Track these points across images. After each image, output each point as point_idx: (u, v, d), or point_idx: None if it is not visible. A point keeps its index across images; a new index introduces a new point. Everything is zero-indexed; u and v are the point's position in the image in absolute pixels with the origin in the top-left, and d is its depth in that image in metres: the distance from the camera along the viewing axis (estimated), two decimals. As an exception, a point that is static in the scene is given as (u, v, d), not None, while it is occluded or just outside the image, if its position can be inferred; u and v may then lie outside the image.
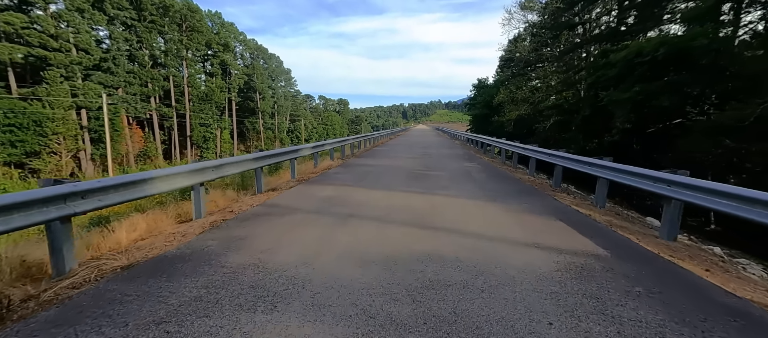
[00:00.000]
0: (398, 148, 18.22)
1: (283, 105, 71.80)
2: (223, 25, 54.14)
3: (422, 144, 22.19)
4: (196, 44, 47.50)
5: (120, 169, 37.18)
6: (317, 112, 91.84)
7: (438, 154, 15.26)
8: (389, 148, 18.33)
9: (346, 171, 9.31)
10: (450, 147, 19.84)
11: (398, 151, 16.70)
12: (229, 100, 56.24)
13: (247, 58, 62.79)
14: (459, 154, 15.26)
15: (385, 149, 17.76)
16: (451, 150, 17.58)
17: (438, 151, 16.47)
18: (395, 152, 15.95)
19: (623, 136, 15.05)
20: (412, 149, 17.48)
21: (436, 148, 18.47)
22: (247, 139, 62.84)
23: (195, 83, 47.94)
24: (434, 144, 22.38)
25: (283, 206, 5.48)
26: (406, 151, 16.31)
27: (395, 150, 17.20)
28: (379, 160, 12.54)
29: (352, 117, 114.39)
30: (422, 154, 15.05)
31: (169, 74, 44.38)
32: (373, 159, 12.82)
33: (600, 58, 19.12)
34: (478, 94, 56.41)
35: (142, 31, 40.26)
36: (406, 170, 9.46)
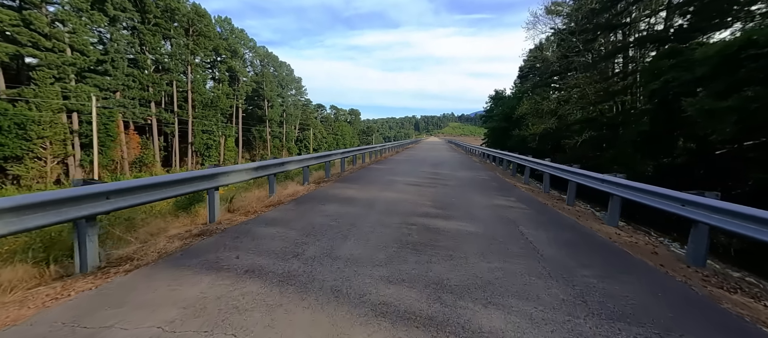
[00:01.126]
0: (402, 166, 14.36)
1: (292, 114, 69.35)
2: (232, 31, 52.26)
3: (433, 160, 18.28)
4: (203, 49, 45.45)
5: (112, 177, 34.64)
6: (328, 122, 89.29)
7: (454, 177, 11.20)
8: (391, 165, 14.51)
9: (297, 215, 5.38)
10: (469, 166, 15.84)
11: (401, 170, 12.80)
12: (235, 107, 53.95)
13: (257, 66, 60.79)
14: (483, 179, 11.19)
15: (385, 167, 13.90)
16: (472, 171, 13.48)
17: (453, 173, 12.43)
18: (396, 172, 12.04)
19: (690, 156, 11.34)
20: (418, 168, 13.55)
21: (451, 167, 14.51)
22: (253, 147, 60.29)
23: (200, 89, 45.70)
24: (447, 161, 18.43)
25: None
26: (410, 171, 12.38)
27: (397, 168, 13.31)
28: (366, 187, 8.65)
29: (364, 128, 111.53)
30: (432, 176, 11.04)
31: (173, 79, 42.23)
32: (359, 185, 8.94)
33: (666, 57, 14.79)
34: (495, 106, 52.26)
35: (146, 34, 38.29)
36: (402, 215, 5.48)
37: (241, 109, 55.49)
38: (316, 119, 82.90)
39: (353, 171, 12.34)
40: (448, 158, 20.58)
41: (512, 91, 52.71)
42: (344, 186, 8.23)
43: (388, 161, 17.06)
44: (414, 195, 7.27)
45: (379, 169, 13.24)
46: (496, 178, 11.54)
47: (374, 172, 11.87)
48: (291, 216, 5.26)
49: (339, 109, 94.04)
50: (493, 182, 10.47)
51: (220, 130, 49.55)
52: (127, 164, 36.71)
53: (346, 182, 9.18)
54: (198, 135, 45.34)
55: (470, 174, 12.27)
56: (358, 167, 14.10)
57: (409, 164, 15.23)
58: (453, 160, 19.63)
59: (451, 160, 19.53)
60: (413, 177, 10.39)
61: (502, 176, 12.43)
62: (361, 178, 10.20)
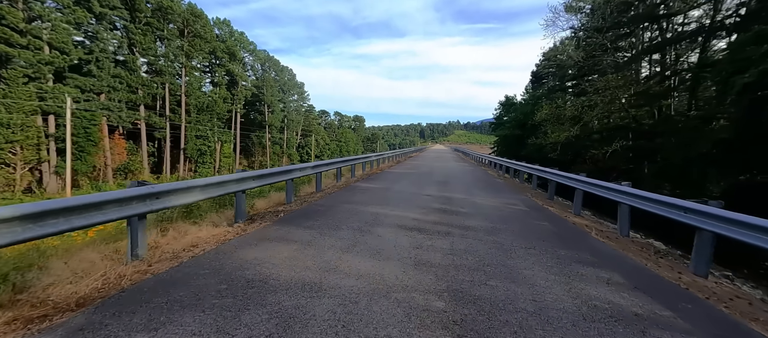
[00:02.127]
0: (400, 183, 10.66)
1: (294, 119, 66.36)
2: (231, 33, 49.64)
3: (440, 174, 14.58)
4: (199, 51, 42.72)
5: (93, 187, 31.61)
6: (332, 128, 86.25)
7: (474, 206, 7.30)
8: (386, 182, 10.85)
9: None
10: (487, 183, 12.05)
11: (396, 192, 9.05)
12: (234, 113, 51.06)
13: (258, 70, 58.08)
14: (519, 211, 7.24)
15: (377, 186, 10.23)
16: (495, 193, 9.56)
17: (471, 197, 8.46)
18: (389, 197, 8.26)
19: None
20: (422, 188, 9.81)
21: (465, 185, 10.76)
22: (252, 153, 57.23)
23: (194, 92, 42.87)
24: (458, 174, 14.71)
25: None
26: (409, 195, 8.62)
27: (392, 189, 9.58)
28: (322, 238, 4.83)
29: (368, 135, 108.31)
30: (441, 206, 7.14)
31: (165, 81, 39.44)
32: (316, 229, 5.04)
33: (753, 43, 11.00)
34: (505, 112, 48.40)
35: (136, 34, 35.62)
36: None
37: (240, 114, 52.58)
38: (320, 125, 79.91)
39: (331, 192, 8.70)
40: (458, 170, 16.82)
41: (523, 97, 48.86)
42: (282, 236, 4.53)
43: (384, 175, 13.39)
44: (407, 266, 3.51)
45: (368, 188, 9.55)
46: (535, 207, 7.73)
47: (358, 195, 8.21)
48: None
49: (343, 116, 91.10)
50: (536, 215, 6.67)
51: (216, 136, 46.56)
52: (110, 171, 33.71)
53: (298, 221, 5.49)
54: (191, 140, 42.33)
55: (495, 199, 8.44)
56: (342, 184, 10.47)
57: (409, 181, 11.53)
58: (464, 173, 15.86)
59: (462, 173, 15.76)
60: (413, 208, 6.64)
61: (537, 201, 8.62)
62: (331, 209, 6.53)
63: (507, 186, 11.42)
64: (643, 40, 22.48)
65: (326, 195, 8.07)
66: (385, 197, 7.98)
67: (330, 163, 10.24)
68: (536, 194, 9.90)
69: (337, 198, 7.56)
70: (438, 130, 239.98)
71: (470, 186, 10.41)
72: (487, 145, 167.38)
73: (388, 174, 13.53)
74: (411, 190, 8.98)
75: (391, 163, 20.16)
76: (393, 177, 12.29)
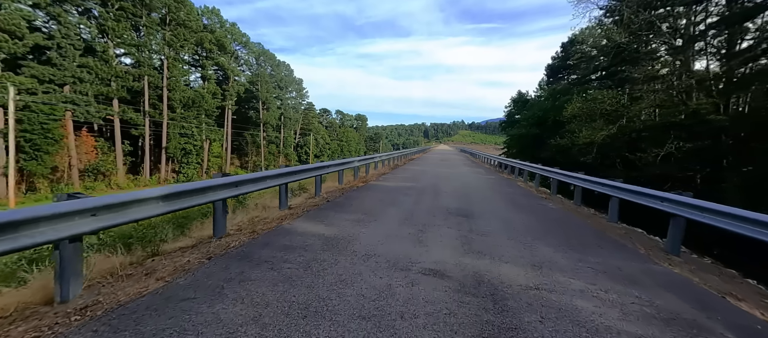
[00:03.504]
0: (382, 218, 5.81)
1: (291, 117, 61.76)
2: (222, 24, 45.11)
3: (452, 190, 9.63)
4: (182, 42, 38.26)
5: (54, 190, 27.27)
6: (333, 127, 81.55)
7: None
8: (359, 209, 5.99)
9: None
10: (534, 212, 7.10)
11: (366, 246, 4.25)
12: (225, 109, 46.59)
13: (253, 65, 53.56)
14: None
15: (330, 229, 5.39)
16: (604, 268, 4.76)
17: (551, 277, 3.76)
18: (345, 278, 3.47)
19: None
20: (421, 228, 4.96)
21: (502, 222, 5.71)
22: (246, 153, 52.75)
23: (178, 86, 38.45)
24: (477, 187, 9.77)
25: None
26: (393, 259, 3.82)
27: (363, 236, 4.79)
28: None
29: (371, 134, 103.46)
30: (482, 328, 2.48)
31: (144, 74, 35.03)
32: None
33: None
34: (517, 110, 43.13)
35: (107, 20, 31.24)
36: None
37: (232, 111, 48.11)
38: (321, 124, 75.26)
39: (301, 213, 3.84)
40: (475, 181, 11.82)
41: (537, 94, 43.51)
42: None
43: (363, 195, 8.49)
44: None
45: (330, 218, 4.68)
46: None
47: (293, 258, 3.37)
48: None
49: (345, 114, 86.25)
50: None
51: (204, 134, 42.13)
52: (76, 172, 29.37)
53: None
54: (174, 139, 37.92)
55: (617, 286, 3.55)
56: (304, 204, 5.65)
57: (401, 208, 6.60)
58: (486, 185, 10.87)
59: (483, 185, 10.78)
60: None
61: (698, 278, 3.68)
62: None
63: (574, 217, 6.46)
64: (694, 21, 17.26)
65: (253, 239, 3.23)
66: (362, 236, 3.13)
67: (278, 173, 5.53)
68: (651, 245, 4.93)
69: (254, 259, 2.71)
70: (442, 130, 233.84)
71: (520, 229, 5.44)
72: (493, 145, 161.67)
73: (372, 192, 8.62)
74: (396, 252, 4.02)
75: (385, 169, 15.26)
76: (375, 199, 7.40)
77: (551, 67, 41.61)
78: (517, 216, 6.02)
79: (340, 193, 8.33)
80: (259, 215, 5.62)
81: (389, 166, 16.74)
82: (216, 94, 44.05)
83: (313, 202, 7.01)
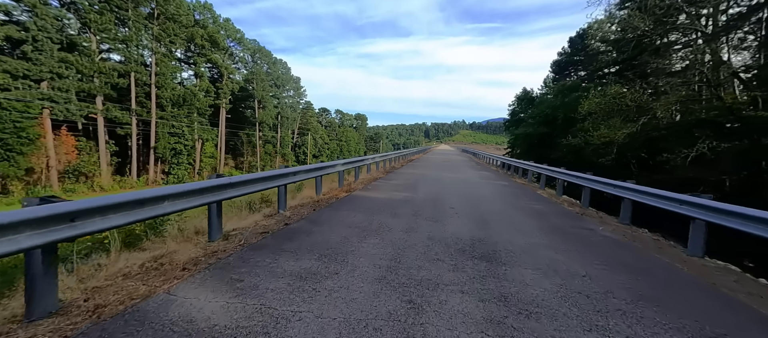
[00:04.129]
0: (357, 238, 3.76)
1: (289, 117, 59.65)
2: (214, 19, 42.99)
3: (462, 201, 7.47)
4: (172, 37, 36.16)
5: (29, 192, 25.27)
6: (333, 126, 79.38)
7: None
8: (330, 229, 3.93)
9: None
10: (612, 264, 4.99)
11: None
12: (219, 108, 44.48)
13: (248, 62, 51.44)
14: None
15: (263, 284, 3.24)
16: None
17: None
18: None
19: None
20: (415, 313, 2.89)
21: (537, 266, 3.71)
22: (241, 153, 50.65)
23: (168, 84, 36.37)
24: (488, 200, 7.62)
25: None
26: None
27: (327, 270, 2.69)
28: None
29: (371, 134, 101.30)
30: None
31: (130, 70, 32.95)
32: None
33: None
34: (522, 108, 40.88)
35: (89, 11, 29.16)
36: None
37: (226, 110, 46.00)
38: (320, 123, 73.10)
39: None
40: (485, 190, 9.58)
41: (542, 91, 41.19)
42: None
43: (346, 208, 6.35)
44: None
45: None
46: None
47: None
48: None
49: (344, 114, 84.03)
50: None
51: (196, 133, 40.08)
52: (54, 173, 27.34)
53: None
54: (163, 138, 35.85)
55: None
56: (224, 249, 3.46)
57: (385, 243, 4.43)
58: (500, 196, 8.66)
59: (497, 196, 8.57)
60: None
61: None
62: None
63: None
64: (729, 4, 15.22)
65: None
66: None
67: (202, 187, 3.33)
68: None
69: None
70: (443, 129, 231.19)
71: (588, 291, 3.30)
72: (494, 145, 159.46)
73: (351, 209, 6.43)
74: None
75: (378, 173, 13.06)
76: (352, 223, 5.20)
77: (558, 63, 39.28)
78: (569, 258, 3.81)
79: (311, 209, 6.16)
80: (155, 256, 3.44)
81: (383, 170, 14.56)
82: (209, 92, 41.96)
83: (263, 226, 4.83)
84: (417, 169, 16.02)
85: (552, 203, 7.94)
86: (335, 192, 8.03)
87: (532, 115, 30.95)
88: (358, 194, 7.83)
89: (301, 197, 7.97)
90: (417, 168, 16.47)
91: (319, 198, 7.32)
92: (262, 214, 6.02)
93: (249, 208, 6.83)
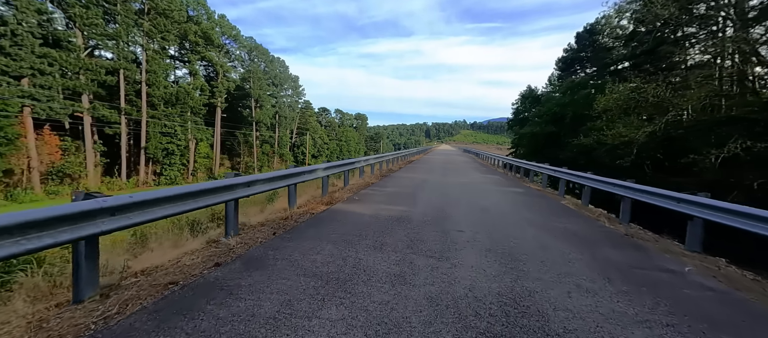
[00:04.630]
0: (311, 302, 2.15)
1: (287, 116, 58.02)
2: (209, 16, 41.38)
3: (473, 217, 5.86)
4: (163, 32, 34.56)
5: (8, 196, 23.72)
6: (332, 126, 77.71)
7: None
8: (270, 284, 2.30)
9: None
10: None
11: None
12: (214, 107, 42.88)
13: (245, 60, 49.82)
14: None
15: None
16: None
17: None
18: None
19: None
20: None
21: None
22: (237, 153, 49.04)
23: (160, 82, 34.78)
24: (509, 220, 5.94)
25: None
26: None
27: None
28: None
29: (372, 134, 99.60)
30: None
31: (119, 67, 31.36)
32: None
33: None
34: (525, 107, 39.09)
35: (73, 4, 27.56)
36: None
37: (222, 109, 44.38)
38: (319, 123, 71.44)
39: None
40: (502, 203, 7.74)
41: (546, 89, 39.36)
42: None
43: (315, 237, 4.67)
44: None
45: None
46: None
47: None
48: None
49: (344, 114, 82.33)
50: None
51: (189, 133, 38.50)
52: (36, 175, 25.77)
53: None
54: (154, 138, 34.26)
55: None
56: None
57: (357, 324, 2.83)
58: (523, 210, 6.91)
59: (520, 211, 6.83)
60: None
61: None
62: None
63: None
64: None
65: None
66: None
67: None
68: None
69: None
70: (444, 129, 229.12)
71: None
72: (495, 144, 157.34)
73: (322, 238, 4.72)
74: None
75: (371, 178, 11.34)
76: (314, 267, 3.54)
77: (564, 59, 37.44)
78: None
79: (271, 232, 4.47)
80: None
81: (378, 174, 12.85)
82: (204, 91, 40.37)
83: (180, 270, 3.14)
84: (417, 171, 14.29)
85: (585, 219, 6.22)
86: (312, 205, 6.33)
87: (538, 113, 29.17)
88: (339, 208, 6.12)
89: (270, 211, 6.30)
90: (417, 171, 14.74)
91: (289, 215, 5.61)
92: (205, 239, 4.34)
93: (191, 230, 5.14)
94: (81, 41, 28.60)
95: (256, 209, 6.76)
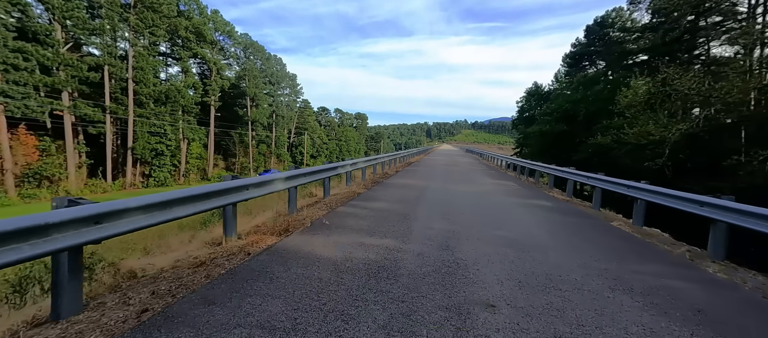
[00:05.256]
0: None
1: (285, 115, 55.96)
2: (201, 11, 39.32)
3: (507, 266, 3.77)
4: (151, 27, 32.51)
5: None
6: (332, 126, 75.61)
7: None
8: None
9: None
10: None
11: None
12: (207, 105, 40.85)
13: (241, 58, 47.76)
14: None
15: None
16: None
17: None
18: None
19: None
20: None
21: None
22: (232, 153, 47.00)
23: (148, 79, 32.76)
24: (567, 278, 3.87)
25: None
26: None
27: None
28: None
29: (372, 133, 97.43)
30: None
31: (103, 62, 29.34)
32: None
33: None
34: (531, 105, 36.79)
35: (52, -3, 25.55)
36: None
37: (216, 108, 42.35)
38: (318, 123, 69.32)
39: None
40: (539, 232, 5.66)
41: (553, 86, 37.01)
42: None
43: (230, 313, 2.54)
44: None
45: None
46: None
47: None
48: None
49: (344, 113, 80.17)
50: None
51: (180, 132, 36.49)
52: (10, 177, 23.79)
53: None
54: (142, 137, 32.25)
55: None
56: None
57: None
58: (577, 248, 4.81)
59: (567, 243, 4.73)
60: None
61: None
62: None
63: None
64: None
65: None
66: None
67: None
68: None
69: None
70: (445, 129, 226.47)
71: None
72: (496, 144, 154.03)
73: (235, 306, 2.59)
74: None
75: (359, 188, 9.19)
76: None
77: (572, 55, 35.04)
78: None
79: (135, 313, 2.27)
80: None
81: (369, 179, 10.68)
82: (196, 89, 38.33)
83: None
84: (416, 177, 12.09)
85: (664, 255, 4.03)
86: (258, 237, 4.14)
87: (546, 111, 26.89)
88: (292, 244, 3.92)
89: (186, 248, 4.16)
90: (416, 175, 12.54)
91: (207, 259, 3.43)
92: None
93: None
94: (61, 35, 26.58)
95: (178, 240, 4.60)
